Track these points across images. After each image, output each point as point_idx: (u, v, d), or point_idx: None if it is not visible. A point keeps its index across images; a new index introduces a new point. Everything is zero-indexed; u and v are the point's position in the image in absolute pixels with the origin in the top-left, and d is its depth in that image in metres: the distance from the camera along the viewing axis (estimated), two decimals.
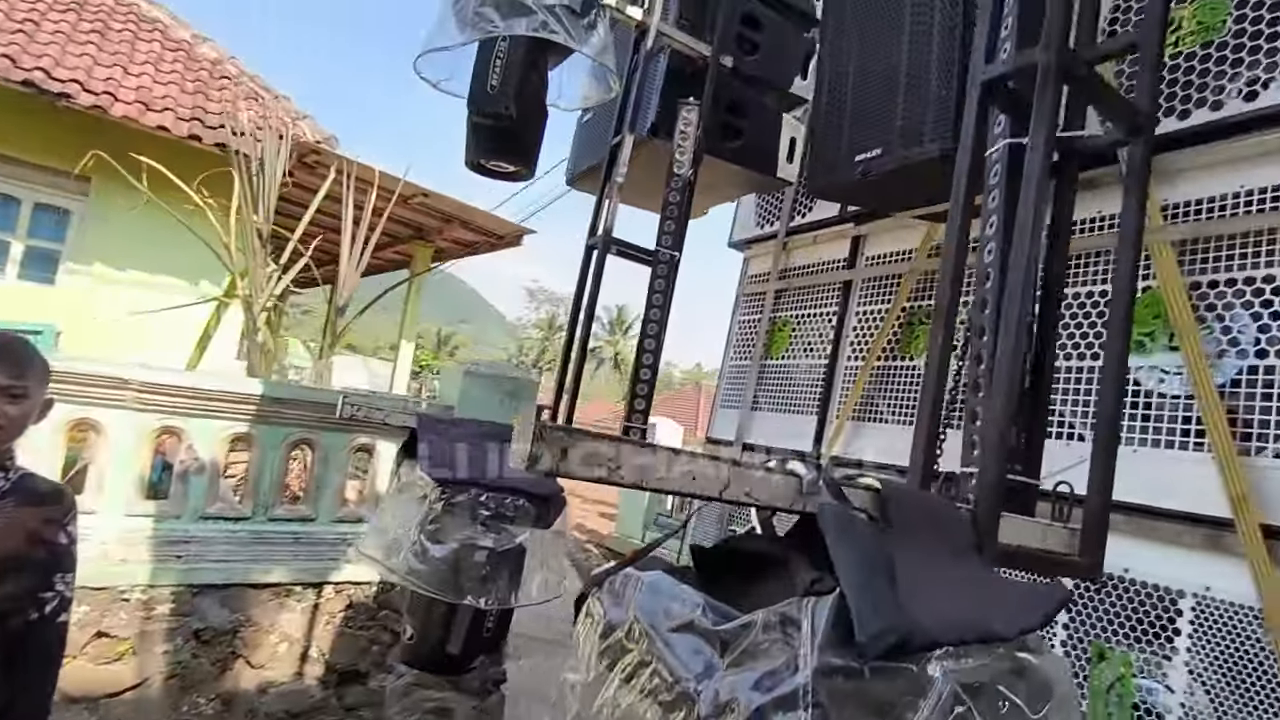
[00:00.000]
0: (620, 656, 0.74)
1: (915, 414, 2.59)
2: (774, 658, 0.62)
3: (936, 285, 1.21)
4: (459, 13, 2.01)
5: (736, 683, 0.61)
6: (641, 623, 0.74)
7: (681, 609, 0.72)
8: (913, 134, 1.87)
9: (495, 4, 1.93)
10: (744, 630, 0.66)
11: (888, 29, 1.99)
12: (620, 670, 0.72)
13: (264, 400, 2.80)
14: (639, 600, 0.76)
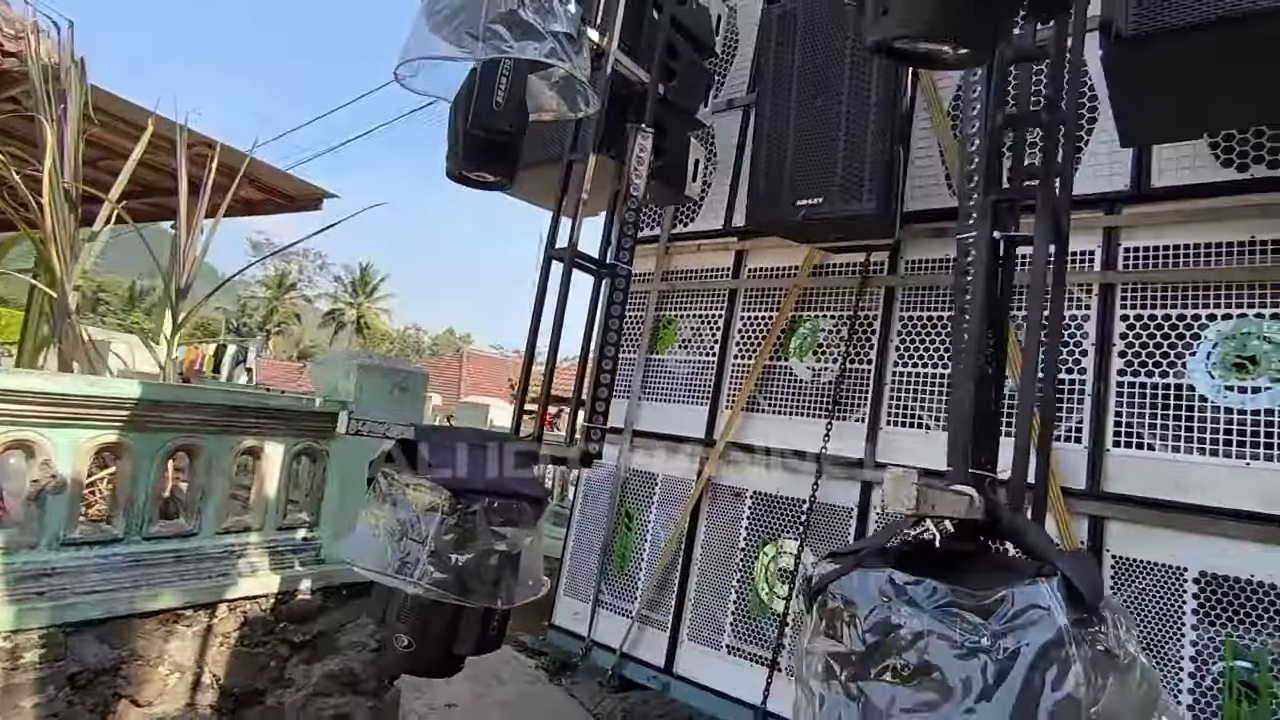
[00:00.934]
0: (891, 630, 1.03)
1: (794, 407, 3.13)
2: (1034, 618, 0.97)
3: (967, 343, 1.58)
4: (451, 25, 2.00)
5: (1023, 633, 0.95)
6: (905, 604, 1.04)
7: (937, 593, 1.03)
8: (852, 189, 2.32)
9: (506, 24, 1.96)
10: (1000, 602, 0.99)
11: (829, 93, 2.41)
12: (903, 638, 1.01)
13: (140, 404, 2.38)
14: (892, 589, 1.06)
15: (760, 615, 3.01)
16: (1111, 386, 2.34)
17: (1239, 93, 1.83)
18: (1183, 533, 2.17)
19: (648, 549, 3.41)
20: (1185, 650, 2.09)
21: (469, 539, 1.92)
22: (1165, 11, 1.55)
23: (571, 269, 2.38)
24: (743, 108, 3.51)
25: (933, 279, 2.83)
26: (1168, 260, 2.34)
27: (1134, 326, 2.35)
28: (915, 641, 1.02)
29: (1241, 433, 2.14)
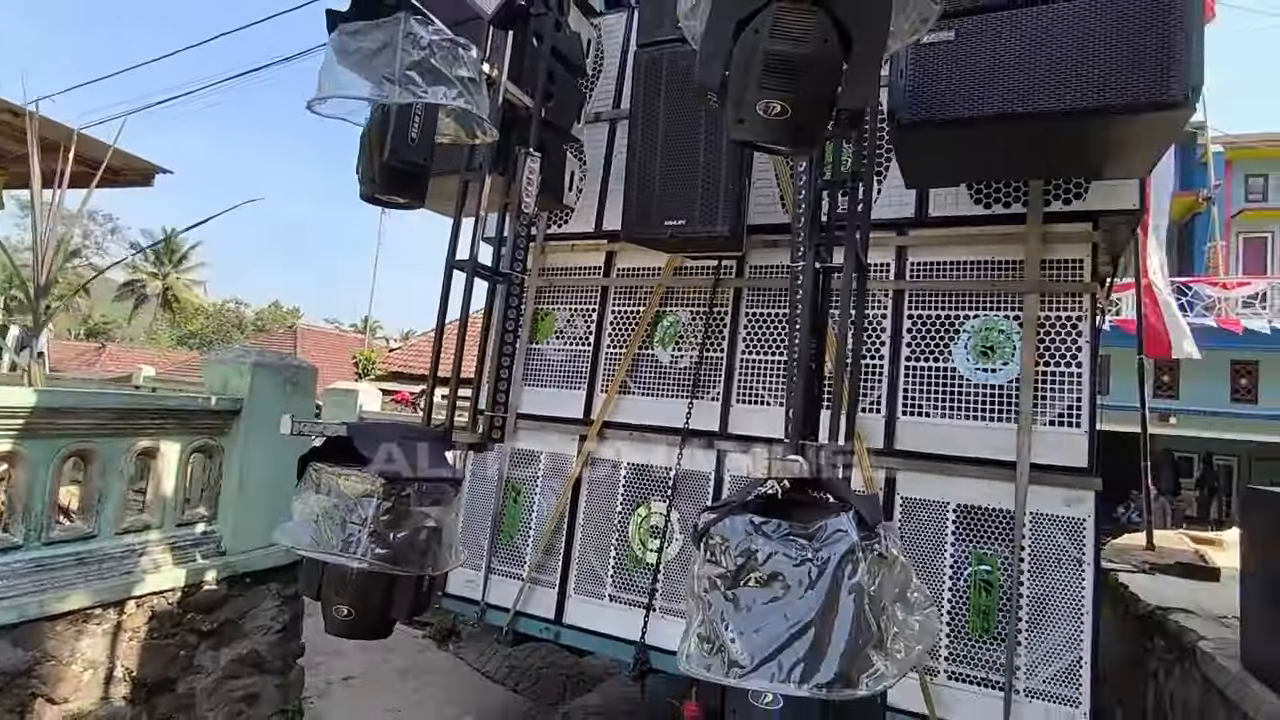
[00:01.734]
0: (752, 555, 1.54)
1: (660, 389, 3.64)
2: (838, 538, 1.51)
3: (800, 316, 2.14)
4: (368, 67, 2.25)
5: (832, 548, 1.49)
6: (760, 536, 1.55)
7: (780, 528, 1.55)
8: (709, 215, 2.83)
9: (419, 71, 2.25)
10: (819, 529, 1.53)
11: (690, 133, 2.89)
12: (759, 559, 1.53)
13: (36, 411, 2.35)
14: (751, 527, 1.57)
15: (636, 567, 3.54)
16: (901, 370, 3.06)
17: (977, 160, 2.54)
18: (947, 477, 2.94)
19: (534, 518, 3.82)
20: (948, 559, 2.87)
21: (403, 518, 2.24)
22: (928, 108, 2.18)
23: (473, 278, 2.70)
24: (609, 120, 3.94)
25: (770, 281, 3.45)
26: (940, 273, 3.09)
27: (916, 324, 3.09)
28: (767, 560, 1.54)
29: (986, 402, 2.94)
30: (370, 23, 2.30)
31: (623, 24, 4.06)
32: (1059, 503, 2.74)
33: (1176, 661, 3.50)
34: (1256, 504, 2.95)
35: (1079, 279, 2.83)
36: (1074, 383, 2.80)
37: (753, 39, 1.64)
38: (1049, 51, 2.06)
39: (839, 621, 1.46)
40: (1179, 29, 1.91)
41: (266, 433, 3.25)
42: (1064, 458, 2.77)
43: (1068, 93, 2.04)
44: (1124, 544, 6.17)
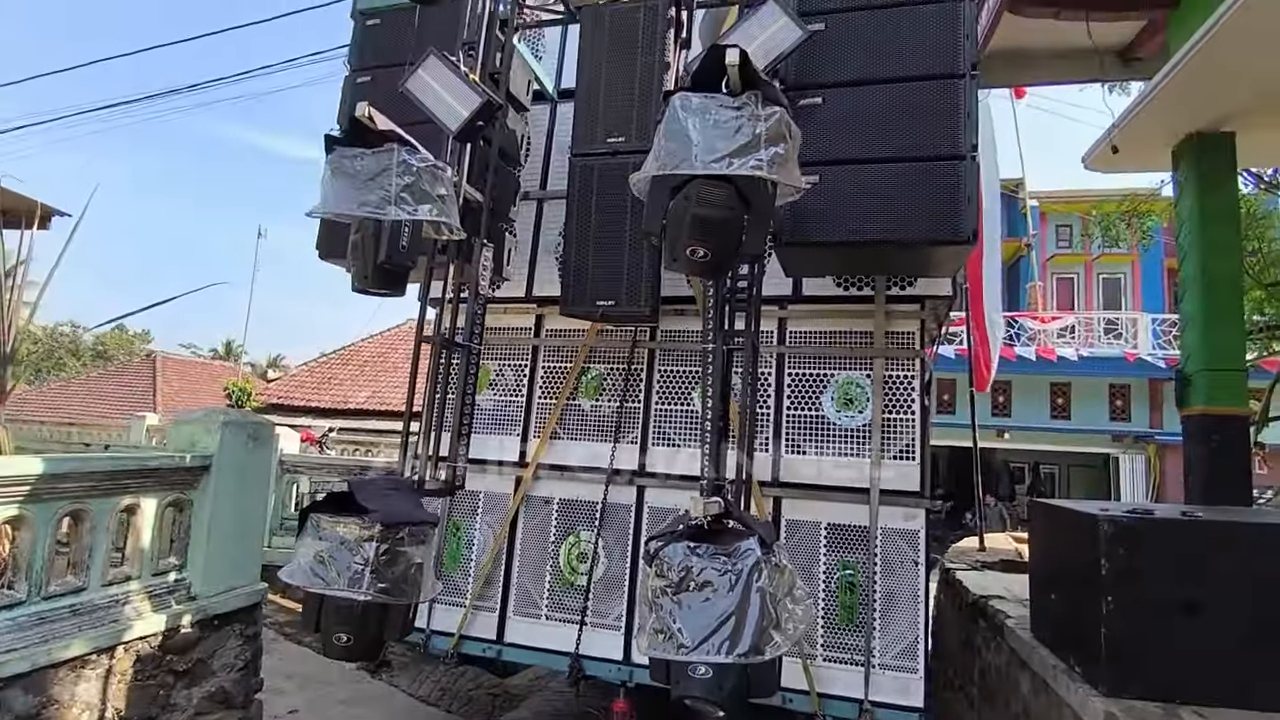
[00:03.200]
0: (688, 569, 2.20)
1: (587, 434, 4.26)
2: (749, 554, 2.20)
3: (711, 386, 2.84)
4: (368, 188, 2.77)
5: (745, 561, 2.17)
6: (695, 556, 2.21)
7: (708, 549, 2.22)
8: (634, 297, 3.50)
9: (410, 194, 2.79)
10: (736, 549, 2.21)
11: (617, 230, 3.56)
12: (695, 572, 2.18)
13: (42, 478, 2.58)
14: (687, 549, 2.23)
15: (567, 589, 4.11)
16: (784, 416, 3.86)
17: (834, 262, 3.39)
18: (820, 502, 3.74)
19: (475, 550, 4.31)
20: (821, 567, 3.66)
21: (398, 557, 2.72)
22: (799, 233, 2.98)
23: (445, 351, 3.23)
24: (536, 199, 4.55)
25: (678, 344, 4.17)
26: (811, 340, 3.92)
27: (794, 379, 3.90)
28: (701, 573, 2.20)
29: (847, 442, 3.77)
30: (366, 150, 2.82)
31: (546, 115, 4.70)
32: (901, 519, 3.60)
33: (993, 637, 4.49)
34: (1036, 513, 3.98)
35: (911, 347, 3.74)
36: (910, 426, 3.69)
37: (683, 204, 2.34)
38: (877, 199, 2.91)
39: (750, 612, 2.14)
40: (963, 193, 2.81)
41: (231, 486, 3.55)
42: (904, 484, 3.64)
43: (889, 228, 2.90)
44: (963, 546, 7.39)
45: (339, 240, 3.59)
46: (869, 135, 2.98)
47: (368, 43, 4.06)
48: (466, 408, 3.39)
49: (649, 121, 3.56)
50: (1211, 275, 4.83)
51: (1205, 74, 4.33)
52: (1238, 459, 4.68)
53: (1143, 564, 3.00)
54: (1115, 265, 17.99)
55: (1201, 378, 4.76)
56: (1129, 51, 6.02)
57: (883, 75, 3.02)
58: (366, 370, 22.89)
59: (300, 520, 2.78)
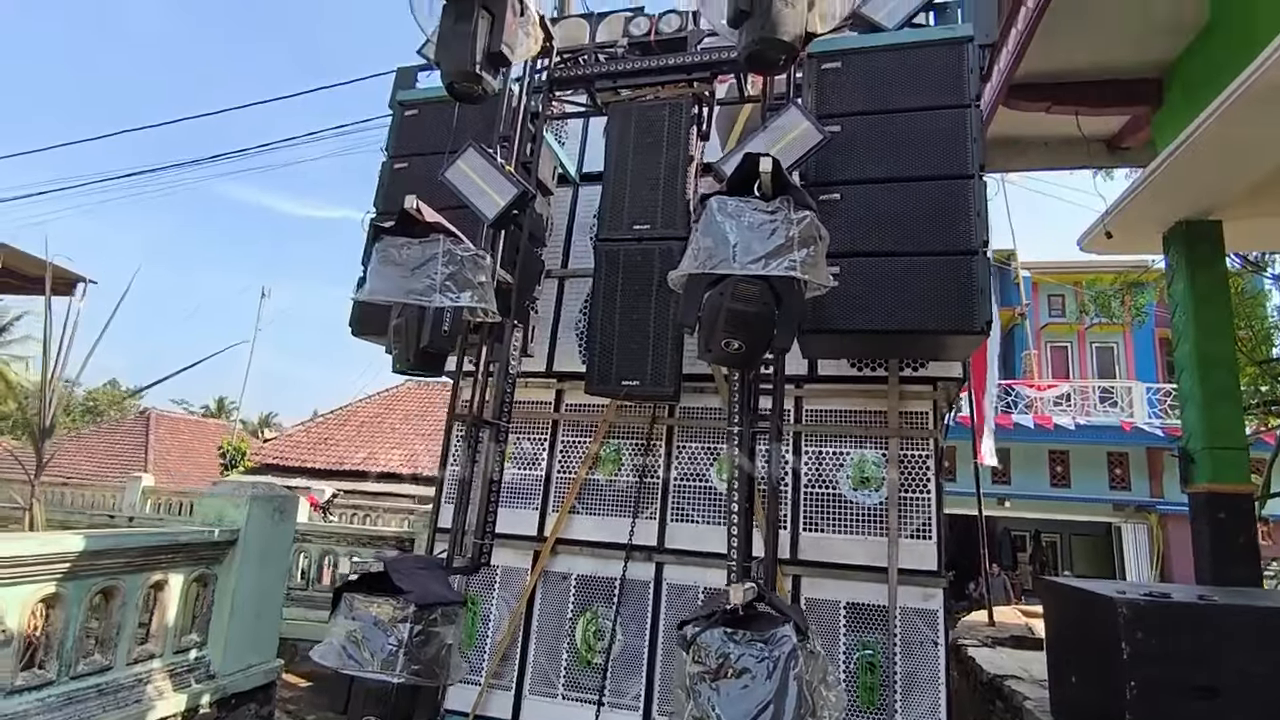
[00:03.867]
0: (726, 656, 2.24)
1: (605, 509, 4.31)
2: (785, 641, 2.24)
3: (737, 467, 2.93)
4: (416, 278, 2.91)
5: (781, 649, 2.21)
6: (732, 642, 2.26)
7: (744, 635, 2.27)
8: (658, 378, 3.62)
9: (454, 282, 2.93)
10: (772, 635, 2.26)
11: (642, 310, 3.70)
12: (733, 659, 2.22)
13: (82, 555, 2.62)
14: (725, 636, 2.27)
15: (585, 667, 4.08)
16: (802, 495, 3.93)
17: (852, 346, 3.53)
18: (838, 580, 3.77)
19: (491, 626, 4.29)
20: (842, 645, 3.66)
21: (431, 639, 2.74)
22: (819, 322, 3.12)
23: (477, 429, 3.32)
24: (558, 278, 4.73)
25: (697, 421, 4.27)
26: (828, 419, 4.03)
27: (811, 458, 3.99)
28: (738, 659, 2.25)
29: (864, 520, 3.84)
30: (413, 240, 2.98)
31: (569, 197, 4.93)
32: (919, 598, 3.64)
33: (1011, 718, 4.45)
34: (1048, 592, 4.02)
35: (925, 427, 3.85)
36: (925, 505, 3.76)
37: (718, 299, 2.48)
38: (894, 291, 3.07)
39: (788, 700, 2.17)
40: (976, 285, 2.97)
41: (255, 561, 3.57)
42: (920, 563, 3.68)
43: (907, 319, 3.05)
44: (972, 620, 7.33)
45: (374, 319, 3.73)
46: (886, 230, 3.17)
47: (405, 132, 4.30)
48: (495, 484, 3.46)
49: (673, 210, 3.76)
50: (1207, 356, 5.00)
51: (1190, 170, 4.60)
52: (1245, 535, 4.74)
53: (1162, 648, 3.04)
54: (1108, 335, 18.34)
55: (1204, 455, 4.87)
56: (1116, 141, 6.37)
57: (897, 175, 3.23)
58: (363, 431, 22.81)
59: (333, 600, 2.81)
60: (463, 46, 3.27)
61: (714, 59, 3.85)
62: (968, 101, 3.24)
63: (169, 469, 27.39)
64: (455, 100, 3.55)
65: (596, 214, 4.78)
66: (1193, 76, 5.15)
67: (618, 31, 4.19)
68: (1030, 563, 19.46)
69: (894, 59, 3.41)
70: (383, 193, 4.14)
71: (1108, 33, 5.18)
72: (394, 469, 19.80)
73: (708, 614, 2.43)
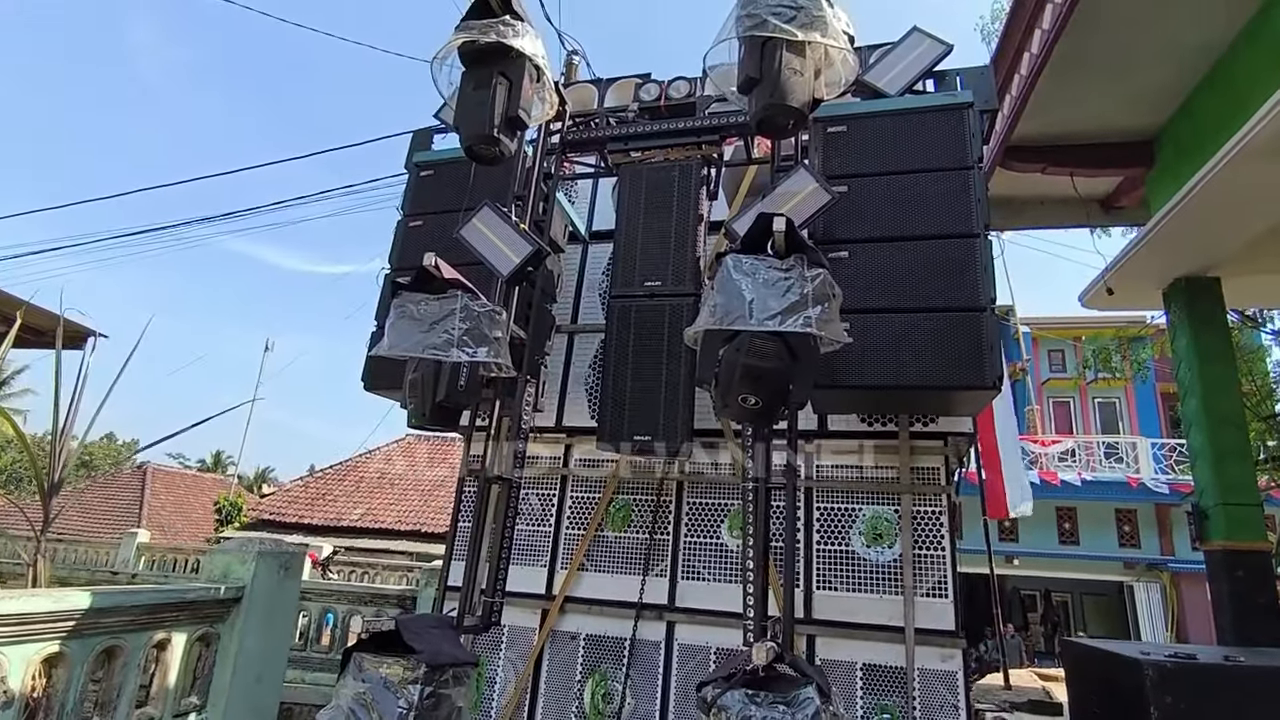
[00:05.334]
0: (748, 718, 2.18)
1: (614, 566, 4.24)
2: (807, 704, 2.19)
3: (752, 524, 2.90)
4: (434, 332, 2.95)
5: (804, 711, 2.16)
6: (753, 704, 2.20)
7: (765, 697, 2.21)
8: (669, 431, 3.62)
9: (470, 337, 2.97)
10: (795, 697, 2.20)
11: (654, 366, 3.73)
12: None
13: (88, 613, 2.58)
14: (745, 697, 2.22)
15: None
16: (814, 552, 3.88)
17: (863, 401, 3.55)
18: (852, 640, 3.69)
19: (497, 689, 4.17)
20: (859, 709, 3.56)
21: (441, 701, 2.67)
22: (831, 376, 3.14)
23: (489, 485, 3.31)
24: (568, 333, 4.77)
25: (707, 477, 4.25)
26: (838, 474, 4.01)
27: (823, 514, 3.96)
28: None
29: (878, 578, 3.78)
30: (430, 296, 3.03)
31: (579, 254, 5.02)
32: (937, 659, 3.55)
33: None
34: (1069, 652, 3.92)
35: (937, 483, 3.83)
36: (940, 562, 3.71)
37: (734, 355, 2.51)
38: (905, 347, 3.11)
39: None
40: (985, 342, 3.01)
41: (260, 620, 3.50)
42: (937, 622, 3.61)
43: (918, 375, 3.07)
44: (987, 684, 7.12)
45: (387, 374, 3.75)
46: (894, 287, 3.23)
47: (421, 191, 4.42)
48: (506, 541, 3.42)
49: (683, 267, 3.83)
50: (1214, 413, 5.02)
51: (1186, 227, 4.71)
52: (1265, 593, 4.67)
53: (1190, 711, 2.97)
54: (1110, 390, 18.36)
55: (1218, 512, 4.83)
56: (1111, 201, 6.53)
57: (904, 234, 3.31)
58: (361, 487, 22.59)
59: (342, 661, 2.75)
60: (481, 111, 3.39)
61: (722, 123, 3.98)
62: (970, 164, 3.34)
63: (163, 524, 27.02)
64: (473, 161, 3.66)
65: (606, 270, 4.88)
66: (1184, 138, 5.32)
67: (628, 96, 4.36)
68: (1042, 623, 19.00)
69: (897, 123, 3.53)
70: (397, 249, 4.23)
71: (1099, 98, 5.38)
72: (392, 525, 19.54)
73: (727, 675, 2.38)
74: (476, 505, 3.27)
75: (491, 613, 3.32)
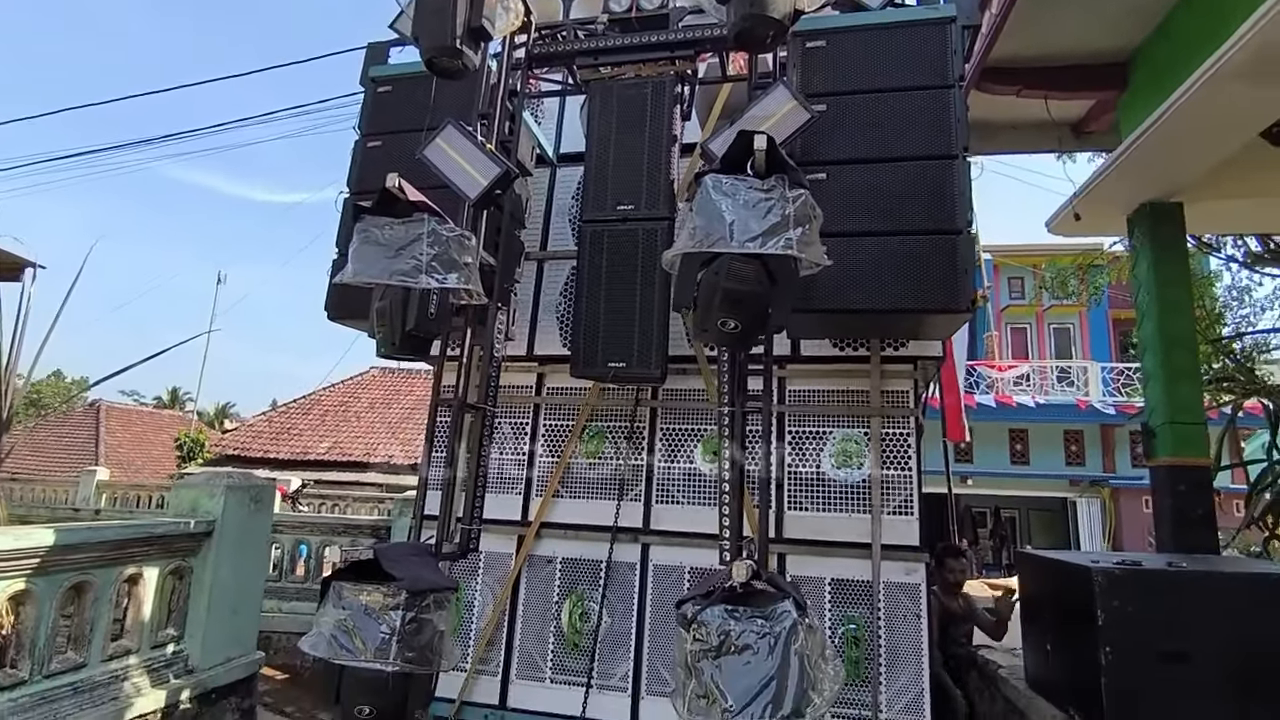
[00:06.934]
0: (728, 633, 2.25)
1: (589, 492, 4.27)
2: (785, 616, 2.26)
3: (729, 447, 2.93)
4: (401, 258, 2.84)
5: (782, 624, 2.23)
6: (733, 619, 2.26)
7: (745, 611, 2.28)
8: (644, 359, 3.60)
9: (439, 263, 2.86)
10: (773, 611, 2.27)
11: (627, 291, 3.67)
12: (734, 635, 2.23)
13: (53, 549, 2.50)
14: (726, 613, 2.28)
15: (571, 650, 4.08)
16: (786, 474, 3.96)
17: (836, 326, 3.56)
18: (822, 558, 3.82)
19: (475, 613, 4.25)
20: (827, 621, 3.72)
21: (423, 625, 2.70)
22: (806, 300, 3.13)
23: (462, 414, 3.26)
24: (537, 260, 4.66)
25: (680, 403, 4.27)
26: (810, 399, 4.06)
27: (796, 437, 4.02)
28: (740, 636, 2.26)
29: (847, 497, 3.89)
30: (395, 220, 2.90)
31: (547, 177, 4.85)
32: (902, 573, 3.71)
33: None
34: (1024, 562, 4.13)
35: (906, 406, 3.90)
36: (907, 482, 3.83)
37: (713, 278, 2.47)
38: (881, 270, 3.09)
39: (791, 674, 2.20)
40: (960, 265, 3.01)
41: (232, 551, 3.47)
42: (902, 538, 3.75)
43: (894, 297, 3.08)
44: None
45: (352, 303, 3.63)
46: (872, 210, 3.19)
47: (378, 109, 4.17)
48: (482, 469, 3.41)
49: (656, 190, 3.72)
50: (1169, 335, 5.17)
51: (1158, 151, 4.71)
52: (1203, 504, 4.94)
53: (1135, 615, 3.15)
54: (1064, 316, 18.88)
55: (1165, 430, 5.04)
56: (1082, 126, 6.50)
57: (882, 155, 3.25)
58: (328, 420, 22.37)
59: (321, 589, 2.74)
60: (442, 20, 3.17)
61: (697, 36, 3.80)
62: (951, 82, 3.26)
63: (123, 462, 26.54)
64: (433, 76, 3.45)
65: (575, 194, 4.73)
66: (1160, 59, 5.27)
67: (597, 7, 4.12)
68: (991, 537, 20.05)
69: (878, 38, 3.41)
70: (356, 172, 4.02)
71: (1080, 14, 5.27)
72: (361, 458, 19.48)
73: (705, 592, 2.44)
74: (450, 434, 3.23)
75: (469, 539, 3.34)
